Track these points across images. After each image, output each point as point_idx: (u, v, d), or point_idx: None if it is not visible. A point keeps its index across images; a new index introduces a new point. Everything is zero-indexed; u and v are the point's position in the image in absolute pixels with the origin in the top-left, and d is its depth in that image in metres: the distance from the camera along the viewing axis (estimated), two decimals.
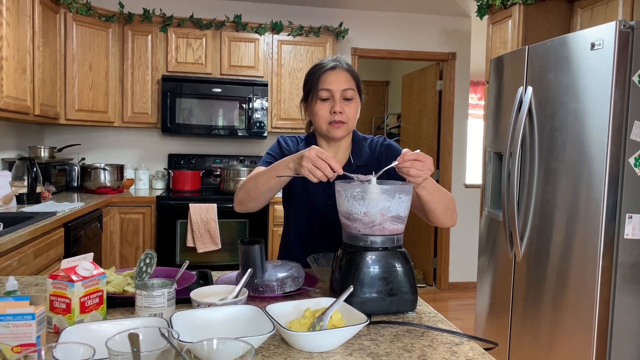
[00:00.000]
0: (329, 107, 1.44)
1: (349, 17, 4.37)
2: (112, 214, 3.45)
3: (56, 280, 1.00)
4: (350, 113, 1.45)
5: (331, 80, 1.44)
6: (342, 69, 1.46)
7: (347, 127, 1.46)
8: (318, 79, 1.45)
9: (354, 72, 1.49)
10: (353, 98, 1.45)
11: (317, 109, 1.45)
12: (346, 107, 1.44)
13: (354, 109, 1.46)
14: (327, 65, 1.46)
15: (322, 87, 1.44)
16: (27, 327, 0.86)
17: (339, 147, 1.53)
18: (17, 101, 2.69)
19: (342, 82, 1.44)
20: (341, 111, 1.43)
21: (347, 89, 1.44)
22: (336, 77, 1.44)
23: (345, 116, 1.44)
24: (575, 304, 2.14)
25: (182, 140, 4.18)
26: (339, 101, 1.43)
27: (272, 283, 1.21)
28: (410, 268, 1.16)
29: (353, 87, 1.46)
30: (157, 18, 3.76)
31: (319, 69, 1.47)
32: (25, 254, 2.12)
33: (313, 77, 1.47)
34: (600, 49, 2.02)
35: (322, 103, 1.44)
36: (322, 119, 1.45)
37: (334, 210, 1.42)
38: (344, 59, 1.51)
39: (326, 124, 1.45)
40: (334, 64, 1.47)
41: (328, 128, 1.45)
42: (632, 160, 1.99)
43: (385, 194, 1.13)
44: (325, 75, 1.44)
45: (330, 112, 1.44)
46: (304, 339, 0.91)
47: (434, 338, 1.01)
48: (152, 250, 1.21)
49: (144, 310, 1.02)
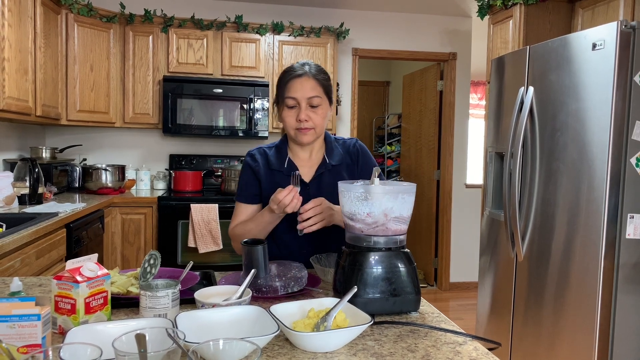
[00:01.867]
0: (295, 114, 1.48)
1: (350, 18, 4.37)
2: (113, 214, 3.46)
3: (61, 281, 1.00)
4: (316, 120, 1.49)
5: (296, 88, 1.47)
6: (309, 76, 1.48)
7: (315, 132, 1.51)
8: (285, 87, 1.48)
9: (322, 78, 1.51)
10: (320, 105, 1.49)
11: (284, 115, 1.50)
12: (312, 114, 1.48)
13: (321, 115, 1.50)
14: (294, 72, 1.49)
15: (288, 95, 1.48)
16: (32, 327, 0.87)
17: (312, 149, 1.58)
18: (19, 102, 2.69)
19: (307, 90, 1.47)
20: (307, 119, 1.47)
21: (313, 96, 1.47)
22: (302, 85, 1.47)
23: (312, 123, 1.48)
24: (576, 304, 2.14)
25: (183, 141, 4.19)
26: (305, 109, 1.47)
27: (275, 284, 1.22)
28: (413, 268, 1.16)
29: (319, 94, 1.48)
30: (158, 19, 3.76)
31: (287, 76, 1.49)
32: (28, 254, 2.12)
33: (281, 84, 1.50)
34: (601, 49, 2.02)
35: (289, 110, 1.49)
36: (289, 126, 1.50)
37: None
38: (314, 64, 1.53)
39: (294, 130, 1.50)
40: (301, 71, 1.49)
41: (296, 133, 1.50)
42: (633, 160, 2.00)
43: (389, 195, 1.13)
44: (292, 83, 1.47)
45: (296, 119, 1.48)
46: (309, 339, 0.91)
47: (437, 338, 1.02)
48: (156, 250, 1.21)
49: (149, 310, 1.03)
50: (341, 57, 4.38)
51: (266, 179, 1.56)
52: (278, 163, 1.56)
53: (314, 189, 1.53)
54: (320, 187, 1.54)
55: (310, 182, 1.54)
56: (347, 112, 4.47)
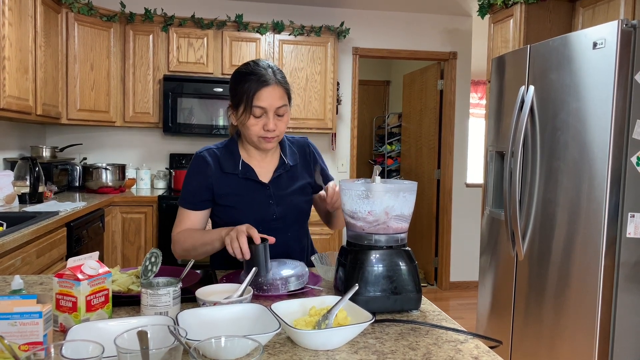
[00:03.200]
0: (261, 123, 1.43)
1: (350, 17, 4.37)
2: (113, 213, 3.46)
3: (62, 278, 1.00)
4: (282, 128, 1.46)
5: (265, 97, 1.40)
6: (277, 83, 1.43)
7: (278, 139, 1.48)
8: (253, 95, 1.40)
9: (286, 82, 1.47)
10: (285, 113, 1.45)
11: (249, 124, 1.43)
12: (279, 123, 1.44)
13: (285, 122, 1.47)
14: (262, 78, 1.40)
15: (256, 105, 1.40)
16: (34, 325, 0.87)
17: (267, 152, 1.55)
18: (19, 101, 2.69)
19: (276, 99, 1.42)
20: (274, 128, 1.43)
21: (281, 106, 1.43)
22: (271, 94, 1.41)
23: (278, 131, 1.45)
24: (577, 303, 2.14)
25: (184, 140, 4.18)
26: (272, 118, 1.42)
27: (276, 282, 1.22)
28: (414, 267, 1.16)
29: (286, 102, 1.45)
30: (158, 18, 3.76)
31: (254, 84, 1.40)
32: (28, 253, 2.12)
33: (246, 91, 1.41)
34: (602, 48, 2.02)
35: (255, 119, 1.42)
36: (253, 133, 1.44)
37: (276, 208, 1.52)
38: (276, 67, 1.47)
39: (257, 137, 1.45)
40: (269, 79, 1.41)
41: (259, 140, 1.46)
42: (634, 159, 2.00)
43: (390, 193, 1.13)
44: (260, 92, 1.40)
45: (262, 128, 1.43)
46: (310, 337, 0.91)
47: (438, 336, 1.02)
48: (157, 249, 1.21)
49: (150, 308, 1.03)
50: (341, 57, 4.38)
51: (219, 182, 1.50)
52: (231, 165, 1.51)
53: (273, 189, 1.52)
54: (280, 188, 1.53)
55: (270, 182, 1.52)
56: (347, 112, 4.47)
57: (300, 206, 1.57)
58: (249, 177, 1.51)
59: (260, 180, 1.52)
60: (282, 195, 1.53)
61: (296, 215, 1.57)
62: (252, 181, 1.51)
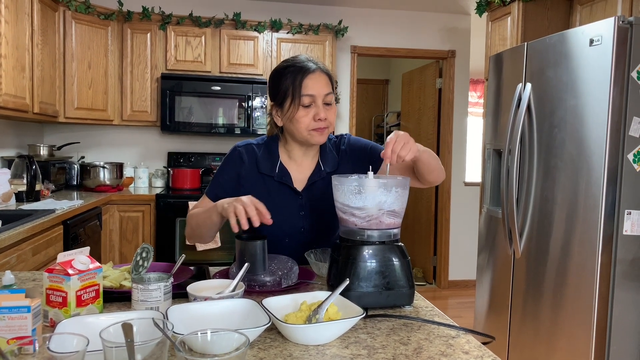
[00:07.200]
0: (311, 113, 1.36)
1: (348, 15, 4.37)
2: (111, 212, 3.45)
3: (52, 273, 1.00)
4: (332, 118, 1.39)
5: (312, 84, 1.35)
6: (322, 71, 1.38)
7: (329, 131, 1.41)
8: (300, 85, 1.34)
9: (330, 73, 1.43)
10: (332, 102, 1.39)
11: (299, 116, 1.36)
12: (328, 112, 1.37)
13: (334, 112, 1.40)
14: (305, 67, 1.36)
15: (305, 93, 1.34)
16: (22, 319, 0.86)
17: (310, 153, 1.47)
18: (16, 99, 2.69)
19: (323, 86, 1.36)
20: (325, 117, 1.36)
21: (329, 93, 1.37)
22: (317, 80, 1.36)
23: (328, 121, 1.38)
24: (574, 300, 2.14)
25: (182, 139, 4.18)
26: (322, 107, 1.36)
27: (268, 277, 1.21)
28: (407, 262, 1.15)
29: (332, 91, 1.39)
30: (156, 16, 3.75)
31: (299, 74, 1.35)
32: (24, 251, 2.12)
33: (292, 81, 1.35)
34: (599, 45, 2.01)
35: (305, 109, 1.35)
36: (304, 127, 1.37)
37: (305, 220, 1.44)
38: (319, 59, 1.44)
39: (307, 131, 1.37)
40: (314, 66, 1.37)
41: (310, 134, 1.38)
42: (630, 156, 1.99)
43: (382, 188, 1.12)
44: (307, 80, 1.34)
45: (313, 118, 1.36)
46: (300, 332, 0.91)
47: (430, 331, 1.01)
48: (148, 244, 1.20)
49: (140, 303, 1.02)
50: (340, 55, 4.38)
51: (251, 181, 1.44)
52: (269, 167, 1.44)
53: (306, 198, 1.45)
54: (313, 197, 1.45)
55: (303, 191, 1.45)
56: (345, 110, 4.47)
57: (331, 223, 1.46)
58: (284, 182, 1.43)
59: (295, 188, 1.44)
60: (314, 208, 1.44)
61: (325, 232, 1.48)
62: (287, 187, 1.44)
